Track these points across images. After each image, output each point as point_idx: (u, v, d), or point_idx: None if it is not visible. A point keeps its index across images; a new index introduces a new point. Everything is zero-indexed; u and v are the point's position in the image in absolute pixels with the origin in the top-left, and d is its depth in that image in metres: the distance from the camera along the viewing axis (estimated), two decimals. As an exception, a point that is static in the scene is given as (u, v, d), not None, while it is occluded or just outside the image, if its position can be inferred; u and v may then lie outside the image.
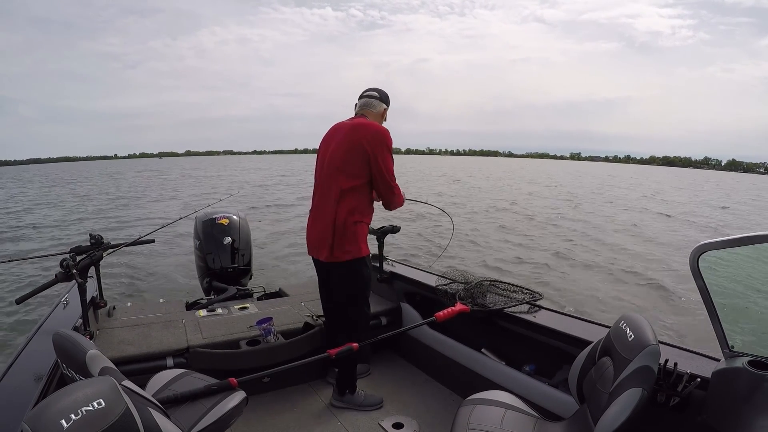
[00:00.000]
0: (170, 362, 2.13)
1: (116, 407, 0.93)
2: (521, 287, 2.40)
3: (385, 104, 2.26)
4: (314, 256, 2.24)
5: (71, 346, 1.26)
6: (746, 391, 1.23)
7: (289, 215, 13.17)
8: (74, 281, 1.99)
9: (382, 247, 2.95)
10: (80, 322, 2.10)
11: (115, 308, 2.68)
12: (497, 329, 2.28)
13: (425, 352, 2.60)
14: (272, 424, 2.15)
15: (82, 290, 2.03)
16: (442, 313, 2.18)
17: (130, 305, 3.04)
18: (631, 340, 1.31)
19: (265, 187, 23.56)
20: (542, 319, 2.10)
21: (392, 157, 2.17)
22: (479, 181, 31.54)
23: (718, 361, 1.44)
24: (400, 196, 2.23)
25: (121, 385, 1.03)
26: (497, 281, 2.49)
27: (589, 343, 1.60)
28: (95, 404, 0.89)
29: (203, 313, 2.68)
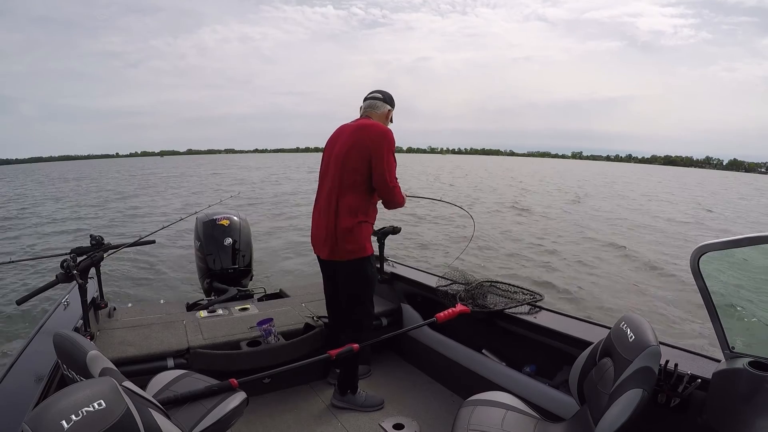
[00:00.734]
0: (171, 363, 2.13)
1: (117, 408, 0.93)
2: (522, 288, 2.40)
3: (389, 105, 2.28)
4: (319, 255, 2.25)
5: (72, 346, 1.26)
6: (747, 391, 1.23)
7: (289, 215, 13.18)
8: (75, 282, 1.99)
9: (382, 247, 2.95)
10: (81, 322, 2.10)
11: (115, 309, 2.68)
12: (498, 330, 2.28)
13: (426, 352, 2.60)
14: (273, 424, 2.15)
15: (82, 291, 2.03)
16: (442, 314, 2.18)
17: (130, 306, 3.04)
18: (631, 340, 1.31)
19: (265, 187, 23.58)
20: (543, 319, 2.10)
21: (395, 157, 2.17)
22: (473, 180, 31.46)
23: (718, 362, 1.43)
24: (400, 195, 2.23)
25: (121, 385, 1.03)
26: (498, 282, 2.49)
27: (589, 343, 1.59)
28: (96, 405, 0.89)
29: (204, 313, 2.68)
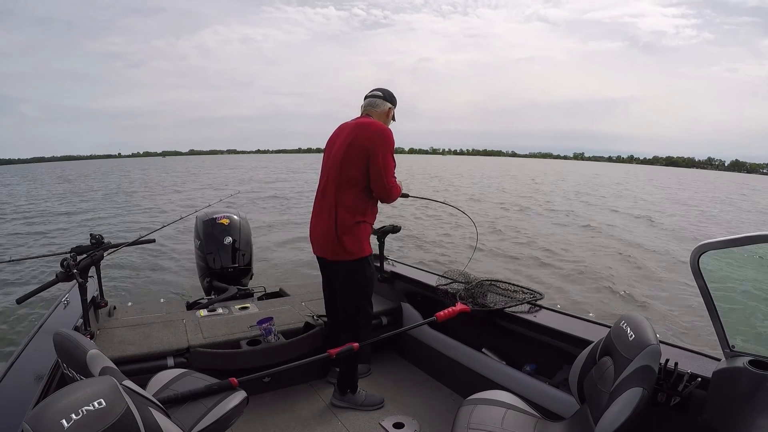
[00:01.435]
0: (171, 362, 2.13)
1: (117, 407, 0.93)
2: (522, 287, 2.40)
3: (389, 103, 2.25)
4: (318, 254, 2.25)
5: (72, 345, 1.26)
6: (747, 390, 1.23)
7: (290, 215, 13.18)
8: (75, 281, 1.99)
9: (382, 246, 2.95)
10: (81, 321, 2.10)
11: (115, 308, 2.68)
12: (498, 329, 2.28)
13: (426, 351, 2.60)
14: (273, 423, 2.15)
15: (82, 290, 2.03)
16: (442, 312, 2.18)
17: (130, 305, 3.04)
18: (631, 339, 1.31)
19: (266, 186, 23.63)
20: (543, 318, 2.10)
21: (393, 156, 2.15)
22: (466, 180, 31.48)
23: (718, 360, 1.44)
24: (397, 187, 2.21)
25: (121, 384, 1.03)
26: (498, 281, 2.49)
27: (589, 342, 1.60)
28: (96, 404, 0.89)
29: (204, 312, 2.68)
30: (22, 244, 9.68)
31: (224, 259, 3.40)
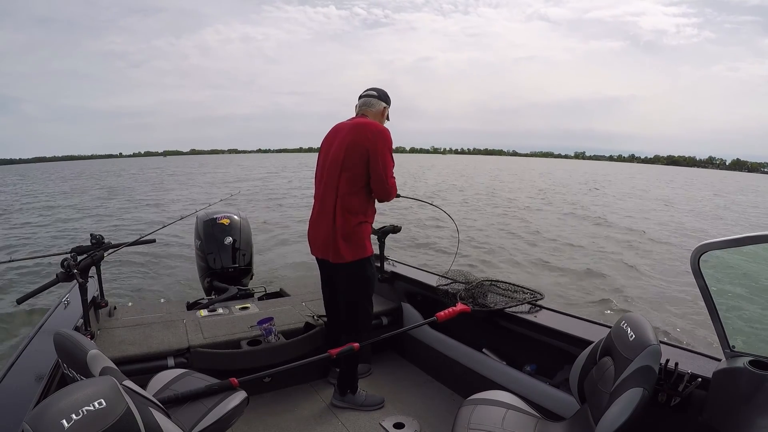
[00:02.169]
0: (171, 362, 2.13)
1: (117, 407, 0.93)
2: (522, 287, 2.40)
3: (384, 102, 2.25)
4: (318, 256, 2.25)
5: (72, 345, 1.26)
6: (747, 391, 1.23)
7: (290, 215, 13.17)
8: (75, 281, 1.99)
9: (383, 247, 2.95)
10: (81, 322, 2.10)
11: (116, 308, 2.68)
12: (498, 329, 2.28)
13: (426, 352, 2.60)
14: (273, 423, 2.15)
15: (83, 290, 2.03)
16: (443, 313, 2.18)
17: (131, 305, 3.04)
18: (632, 340, 1.31)
19: (267, 186, 23.64)
20: (543, 319, 2.10)
21: (392, 156, 2.16)
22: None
23: (719, 361, 1.44)
24: (394, 187, 2.21)
25: (122, 385, 1.03)
26: (498, 281, 2.49)
27: (590, 343, 1.59)
28: (96, 404, 0.89)
29: (204, 313, 2.68)
30: (22, 243, 9.69)
31: (224, 259, 3.40)
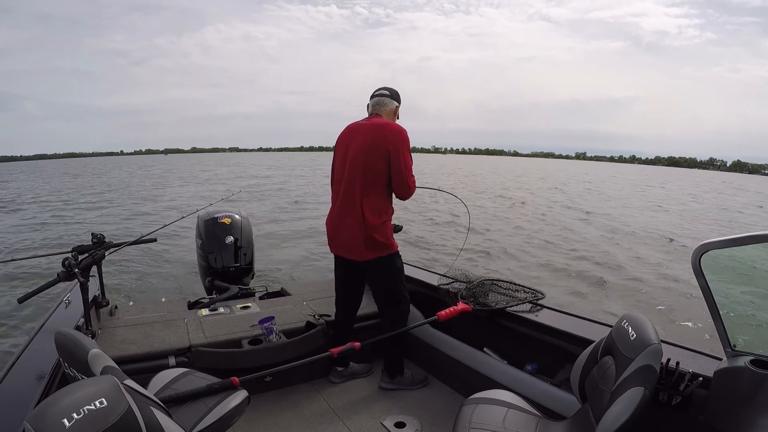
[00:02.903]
0: (172, 361, 2.14)
1: (118, 406, 0.93)
2: (523, 286, 2.40)
3: (396, 102, 2.30)
4: (341, 254, 2.30)
5: (73, 345, 1.27)
6: (748, 390, 1.23)
7: (292, 214, 13.18)
8: (76, 280, 1.99)
9: None
10: (82, 321, 2.10)
11: (117, 307, 2.69)
12: (499, 328, 2.28)
13: (427, 351, 2.60)
14: (274, 423, 2.15)
15: (84, 289, 2.03)
16: (444, 312, 2.18)
17: (132, 304, 3.05)
18: (633, 339, 1.31)
19: (268, 186, 23.66)
20: (544, 318, 2.11)
21: (410, 154, 2.22)
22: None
23: (720, 360, 1.43)
24: (413, 185, 2.29)
25: (123, 384, 1.03)
26: (499, 280, 2.49)
27: (591, 342, 1.59)
28: (97, 403, 0.89)
29: (205, 312, 2.68)
30: (23, 243, 9.70)
31: (226, 258, 3.40)
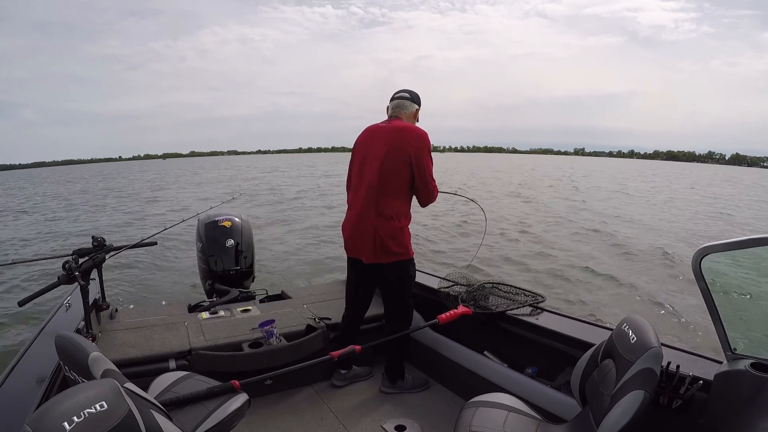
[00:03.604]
0: (173, 364, 2.13)
1: (119, 409, 0.93)
2: (524, 289, 2.41)
3: (416, 105, 2.29)
4: (360, 258, 2.28)
5: (74, 348, 1.27)
6: (748, 393, 1.23)
7: (292, 216, 13.19)
8: (76, 283, 1.99)
9: None
10: (82, 324, 2.10)
11: (117, 310, 2.69)
12: (500, 331, 2.28)
13: (428, 354, 2.59)
14: (275, 426, 2.15)
15: (84, 292, 2.04)
16: (444, 315, 2.18)
17: (132, 307, 3.05)
18: (633, 342, 1.31)
19: (268, 187, 23.68)
20: (545, 321, 2.10)
21: (431, 157, 2.21)
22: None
23: (720, 363, 1.43)
24: (436, 190, 2.27)
25: (123, 387, 1.03)
26: (500, 283, 2.49)
27: (591, 345, 1.59)
28: (98, 406, 0.89)
29: (206, 315, 2.68)
30: (23, 245, 9.72)
31: (226, 261, 3.41)
